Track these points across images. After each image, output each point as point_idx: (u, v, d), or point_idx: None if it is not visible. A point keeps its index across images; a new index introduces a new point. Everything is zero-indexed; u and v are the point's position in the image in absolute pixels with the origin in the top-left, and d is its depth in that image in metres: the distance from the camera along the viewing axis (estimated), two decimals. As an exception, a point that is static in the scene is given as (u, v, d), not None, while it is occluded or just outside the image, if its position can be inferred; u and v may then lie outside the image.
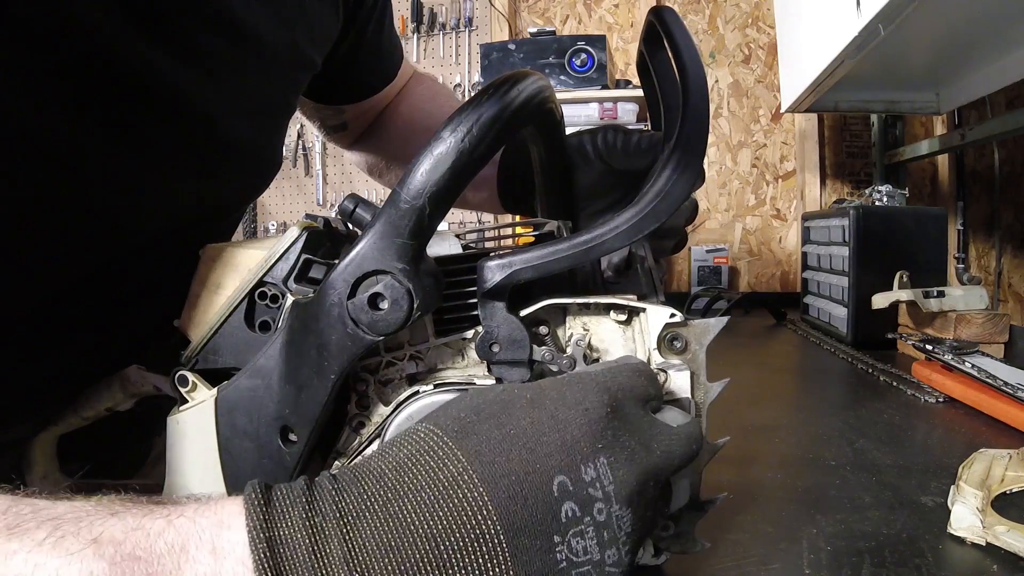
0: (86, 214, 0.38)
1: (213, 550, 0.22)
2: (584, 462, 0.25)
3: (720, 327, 0.35)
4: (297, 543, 0.22)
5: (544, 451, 0.25)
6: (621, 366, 0.30)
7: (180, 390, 0.37)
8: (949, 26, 1.00)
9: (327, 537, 0.22)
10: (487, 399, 0.27)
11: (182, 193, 0.44)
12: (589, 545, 0.24)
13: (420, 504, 0.23)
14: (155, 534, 0.22)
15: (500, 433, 0.25)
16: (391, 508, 0.23)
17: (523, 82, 0.33)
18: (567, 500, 0.24)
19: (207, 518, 0.23)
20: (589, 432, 0.25)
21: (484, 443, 0.25)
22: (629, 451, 0.26)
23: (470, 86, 2.15)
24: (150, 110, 0.38)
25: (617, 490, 0.25)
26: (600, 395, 0.27)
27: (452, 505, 0.23)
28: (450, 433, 0.25)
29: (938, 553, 0.38)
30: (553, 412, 0.26)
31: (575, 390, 0.27)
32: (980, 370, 0.70)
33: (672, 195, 0.32)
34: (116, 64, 0.35)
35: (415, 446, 0.25)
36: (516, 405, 0.26)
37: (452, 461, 0.24)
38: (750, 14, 1.96)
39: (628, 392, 0.28)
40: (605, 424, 0.26)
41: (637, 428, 0.27)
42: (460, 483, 0.23)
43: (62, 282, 0.40)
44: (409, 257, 0.31)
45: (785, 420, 0.68)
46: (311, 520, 0.22)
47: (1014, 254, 1.46)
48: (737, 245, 1.99)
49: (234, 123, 0.45)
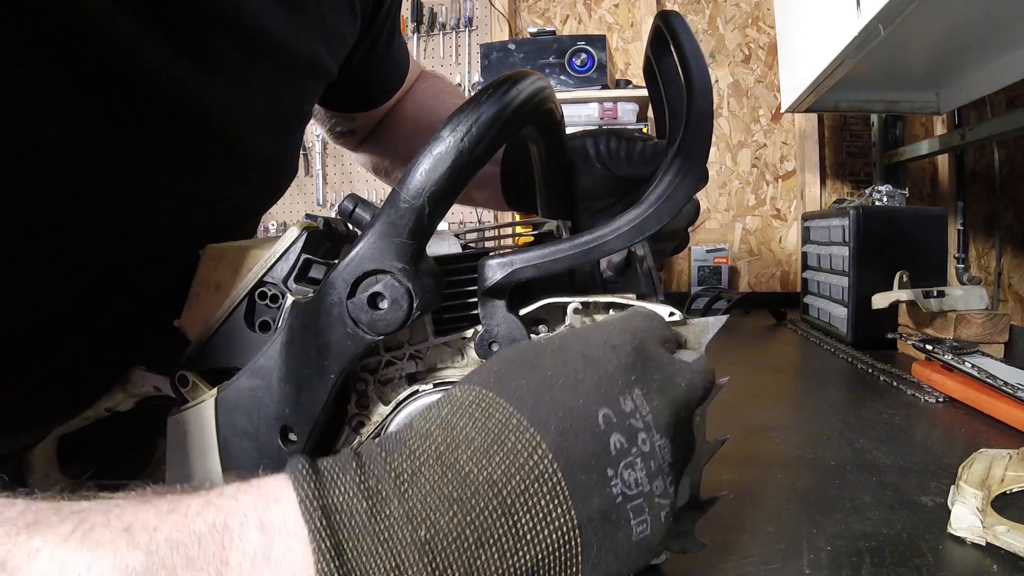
0: (97, 221, 0.38)
1: (261, 526, 0.20)
2: (621, 394, 0.25)
3: (719, 326, 0.35)
4: (354, 508, 0.21)
5: (584, 388, 0.25)
6: (635, 312, 0.31)
7: (180, 390, 0.37)
8: (949, 26, 1.00)
9: (385, 499, 0.21)
10: (517, 350, 0.27)
11: (201, 202, 0.44)
12: (640, 476, 0.24)
13: (475, 452, 0.22)
14: (193, 514, 0.20)
15: (538, 376, 0.25)
16: (446, 460, 0.22)
17: (523, 82, 0.33)
18: (613, 432, 0.24)
19: (250, 495, 0.21)
20: (620, 366, 0.26)
21: (524, 388, 0.24)
22: (659, 383, 0.27)
23: (470, 86, 2.15)
24: (166, 117, 0.38)
25: (655, 419, 0.25)
26: (623, 334, 0.27)
27: (507, 449, 0.23)
28: (488, 385, 0.25)
29: (938, 553, 0.38)
30: (584, 352, 0.26)
31: (599, 333, 0.27)
32: (980, 370, 0.70)
33: (675, 198, 0.32)
34: (141, 74, 0.35)
35: (455, 403, 0.25)
36: (546, 351, 0.27)
37: (497, 409, 0.24)
38: (750, 14, 1.96)
39: (646, 332, 0.29)
40: (634, 359, 0.26)
41: (660, 364, 0.28)
42: (510, 427, 0.23)
43: (73, 290, 0.40)
44: (409, 257, 0.31)
45: (785, 420, 0.68)
46: (365, 483, 0.21)
47: (1014, 254, 1.46)
48: (737, 245, 1.99)
49: (254, 133, 0.45)
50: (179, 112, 0.39)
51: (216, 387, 0.35)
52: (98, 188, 0.37)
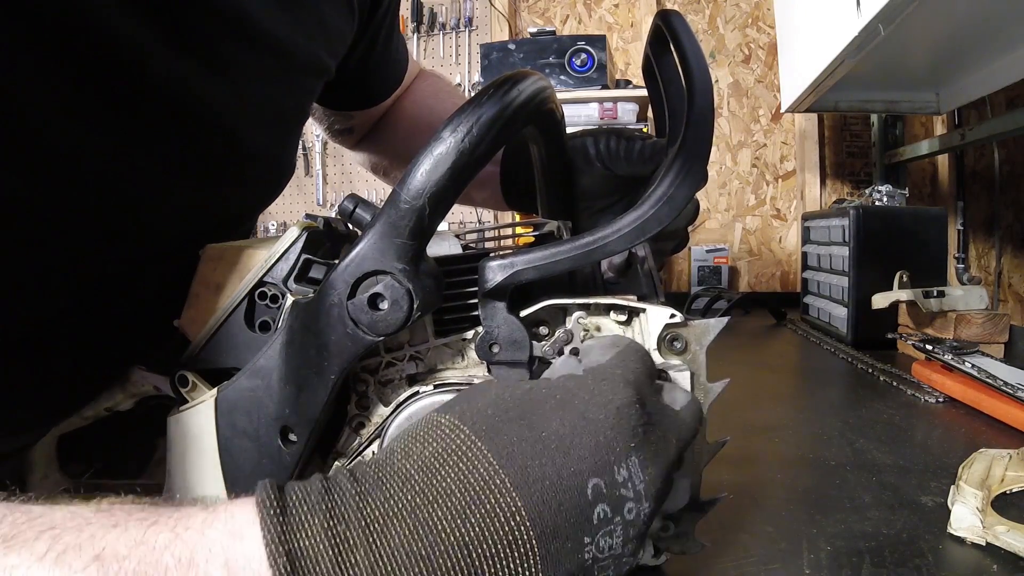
0: (98, 221, 0.38)
1: (225, 564, 0.20)
2: (617, 463, 0.24)
3: (720, 328, 0.35)
4: (320, 555, 0.20)
5: (578, 454, 0.24)
6: (627, 351, 0.30)
7: (180, 390, 0.37)
8: (949, 26, 1.00)
9: (352, 547, 0.21)
10: (514, 396, 0.26)
11: (201, 200, 0.44)
12: (615, 543, 0.24)
13: (451, 510, 0.22)
14: (161, 547, 0.21)
15: (532, 435, 0.24)
16: (420, 515, 0.22)
17: (523, 82, 0.33)
18: (600, 503, 0.24)
19: (216, 529, 0.21)
20: (621, 432, 0.25)
21: (515, 445, 0.24)
22: (655, 446, 0.26)
23: (470, 86, 2.15)
24: (167, 116, 0.38)
25: (647, 488, 0.25)
26: (627, 391, 0.26)
27: (485, 511, 0.22)
28: (478, 432, 0.24)
29: (938, 553, 0.38)
30: (584, 412, 0.25)
31: (603, 388, 0.26)
32: (980, 370, 0.70)
33: (676, 199, 0.32)
34: (134, 69, 0.35)
35: (441, 444, 0.24)
36: (546, 405, 0.26)
37: (482, 463, 0.23)
38: (750, 14, 1.96)
39: (645, 380, 0.28)
40: (636, 422, 0.26)
41: (658, 420, 0.27)
42: (492, 487, 0.22)
43: (74, 290, 0.40)
44: (409, 257, 0.31)
45: (785, 420, 0.68)
46: (333, 529, 0.21)
47: (1014, 254, 1.46)
48: (737, 245, 1.99)
49: (254, 131, 0.45)
50: (180, 111, 0.39)
51: (216, 387, 0.35)
52: (99, 187, 0.36)
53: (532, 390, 0.27)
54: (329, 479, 0.23)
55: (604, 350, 0.30)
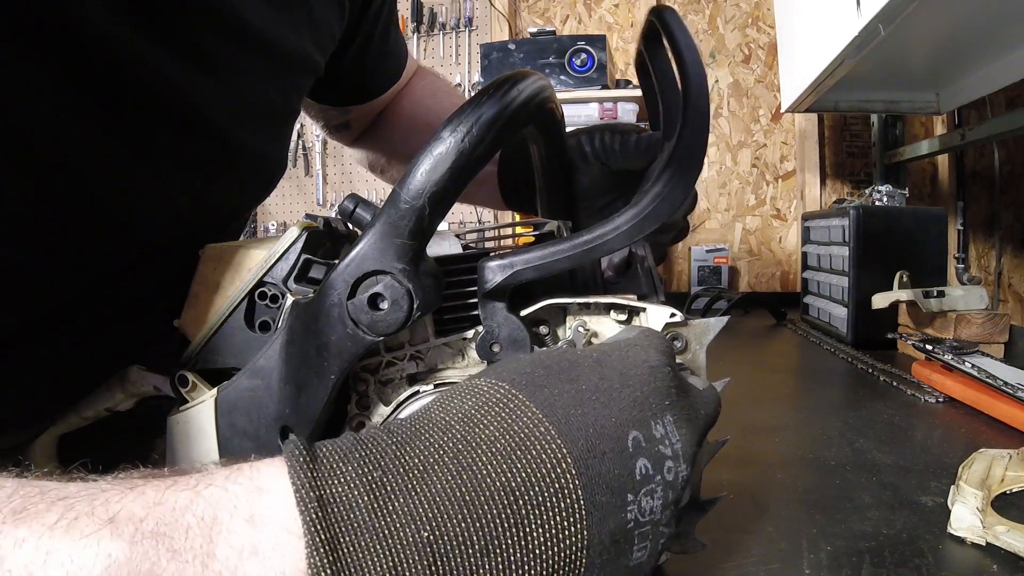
0: (90, 219, 0.38)
1: (250, 518, 0.19)
2: (654, 419, 0.24)
3: (720, 327, 0.35)
4: (354, 502, 0.19)
5: (617, 406, 0.24)
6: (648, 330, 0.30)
7: (180, 390, 0.37)
8: (949, 26, 1.00)
9: (390, 493, 0.20)
10: (552, 357, 0.26)
11: (188, 198, 0.44)
12: (656, 505, 0.23)
13: (496, 456, 0.21)
14: (181, 507, 0.19)
15: (573, 388, 0.24)
16: (463, 460, 0.21)
17: (523, 82, 0.33)
18: (641, 456, 0.23)
19: (240, 484, 0.20)
20: (657, 389, 0.25)
21: (557, 397, 0.24)
22: (687, 410, 0.26)
23: (470, 86, 2.15)
24: (158, 115, 0.38)
25: (683, 448, 0.25)
26: (660, 355, 0.27)
27: (530, 457, 0.21)
28: (519, 386, 0.24)
29: (938, 553, 0.38)
30: (622, 370, 0.25)
31: (637, 350, 0.27)
32: (980, 370, 0.70)
33: (673, 196, 0.32)
34: (124, 67, 0.35)
35: (480, 398, 0.23)
36: (584, 363, 0.26)
37: (526, 413, 0.23)
38: (750, 14, 1.96)
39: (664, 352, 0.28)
40: (670, 382, 0.26)
41: (687, 391, 0.28)
42: (537, 435, 0.22)
43: (68, 288, 0.40)
44: (409, 257, 0.31)
45: (785, 420, 0.68)
46: (369, 475, 0.20)
47: (1014, 254, 1.46)
48: (737, 245, 1.99)
49: (239, 127, 0.45)
50: (167, 108, 0.39)
51: (216, 387, 0.35)
52: (86, 184, 0.36)
53: (568, 352, 0.27)
54: (360, 435, 0.23)
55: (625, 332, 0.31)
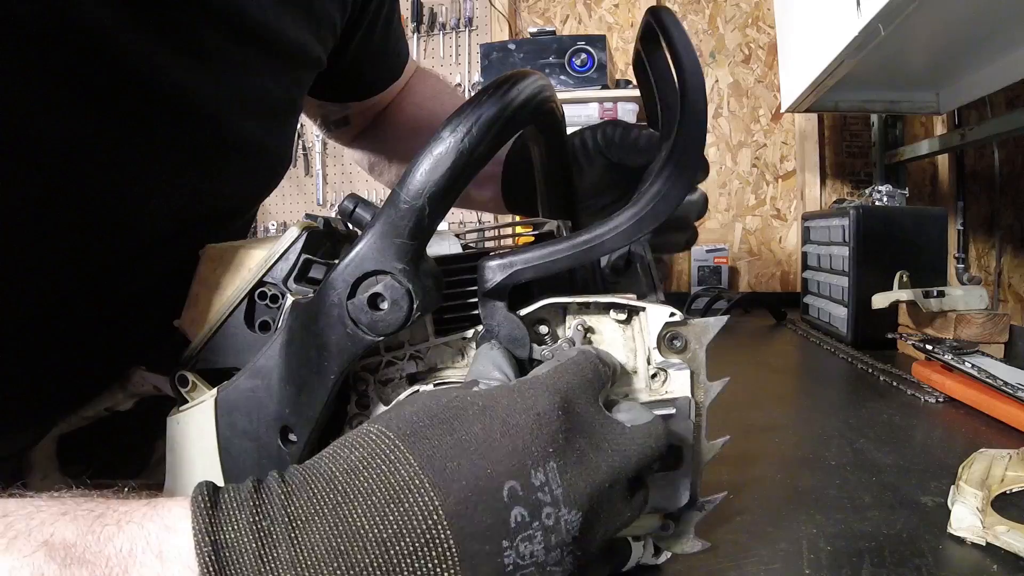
0: (90, 215, 0.38)
1: (159, 554, 0.22)
2: (534, 467, 0.25)
3: (720, 326, 0.35)
4: (243, 547, 0.22)
5: (495, 457, 0.25)
6: (569, 363, 0.30)
7: (180, 390, 0.37)
8: (949, 26, 1.00)
9: (275, 541, 0.22)
10: (439, 403, 0.27)
11: (187, 193, 0.44)
12: (536, 549, 0.24)
13: (370, 508, 0.23)
14: (105, 538, 0.22)
15: (452, 439, 0.25)
16: (340, 512, 0.23)
17: (523, 82, 0.33)
18: (516, 505, 0.24)
19: (154, 522, 0.23)
20: (540, 437, 0.26)
21: (436, 448, 0.25)
22: (579, 453, 0.26)
23: (470, 86, 2.15)
24: (155, 109, 0.38)
25: (566, 494, 0.25)
26: (551, 398, 0.27)
27: (403, 510, 0.23)
28: (401, 436, 0.25)
29: (938, 553, 0.38)
30: (505, 418, 0.26)
31: (527, 396, 0.27)
32: (980, 370, 0.70)
33: (671, 194, 0.32)
34: (120, 62, 0.35)
35: (366, 449, 0.25)
36: (468, 411, 0.26)
37: (404, 465, 0.24)
38: (750, 14, 1.96)
39: (579, 390, 0.28)
40: (557, 427, 0.26)
41: (589, 429, 0.28)
42: (411, 488, 0.23)
43: (67, 286, 0.40)
44: (409, 257, 0.31)
45: (785, 420, 0.68)
46: (258, 524, 0.22)
47: (1014, 254, 1.46)
48: (737, 245, 1.99)
49: (240, 122, 0.45)
50: (165, 101, 0.38)
51: (216, 387, 0.35)
52: (82, 179, 0.36)
53: (457, 398, 0.27)
54: (262, 481, 0.25)
55: (548, 364, 0.31)
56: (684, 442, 0.34)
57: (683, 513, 0.37)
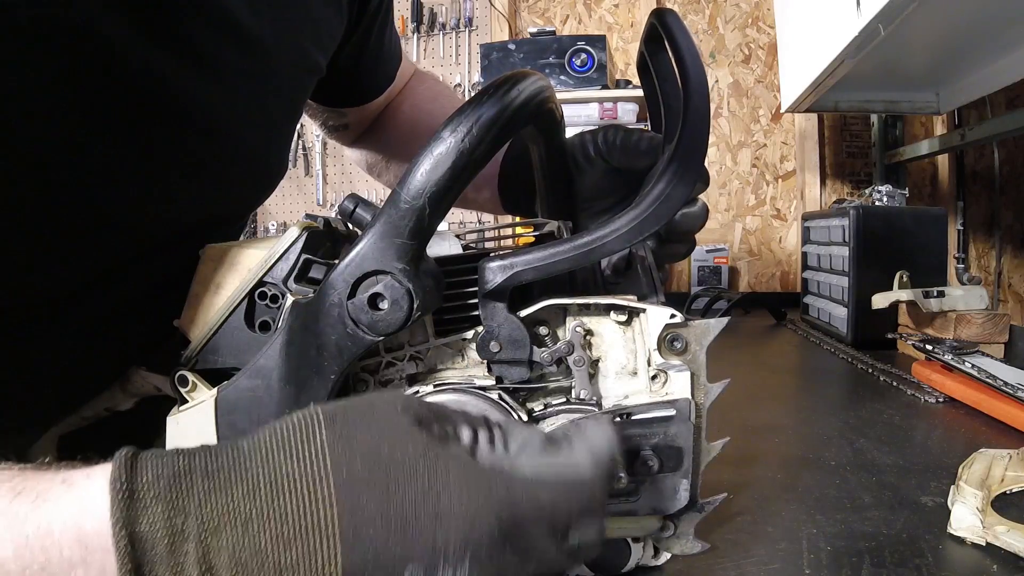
0: (89, 219, 0.38)
1: (78, 537, 0.23)
2: (446, 562, 0.25)
3: (720, 328, 0.35)
4: (157, 543, 0.23)
5: (413, 536, 0.25)
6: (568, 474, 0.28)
7: (180, 390, 0.37)
8: (949, 26, 1.00)
9: (186, 539, 0.23)
10: (392, 456, 0.26)
11: (186, 198, 0.44)
12: None
13: (278, 536, 0.24)
14: (22, 518, 0.23)
15: (379, 505, 0.25)
16: (250, 528, 0.24)
17: (523, 82, 0.33)
18: None
19: (71, 504, 0.24)
20: (464, 540, 0.25)
21: (360, 506, 0.25)
22: (501, 568, 0.26)
23: (470, 86, 2.15)
24: (155, 115, 0.38)
25: None
26: (499, 512, 0.26)
27: (306, 549, 0.24)
28: (336, 474, 0.25)
29: (938, 553, 0.38)
30: (439, 511, 0.25)
31: (477, 493, 0.26)
32: (980, 370, 0.70)
33: (673, 198, 0.32)
34: (119, 69, 0.35)
35: (299, 466, 0.25)
36: (411, 482, 0.25)
37: (324, 506, 0.24)
38: (750, 14, 1.96)
39: (544, 519, 0.27)
40: (488, 541, 0.26)
41: (528, 551, 0.27)
42: (321, 529, 0.24)
43: (66, 287, 0.39)
44: (409, 257, 0.31)
45: (785, 420, 0.68)
46: (172, 520, 0.24)
47: (1014, 254, 1.46)
48: (737, 245, 1.99)
49: (239, 129, 0.45)
50: (163, 108, 0.38)
51: (216, 387, 0.35)
52: (79, 183, 0.36)
53: (410, 458, 0.26)
54: (191, 461, 0.25)
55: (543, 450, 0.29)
56: (684, 444, 0.34)
57: (683, 514, 0.37)
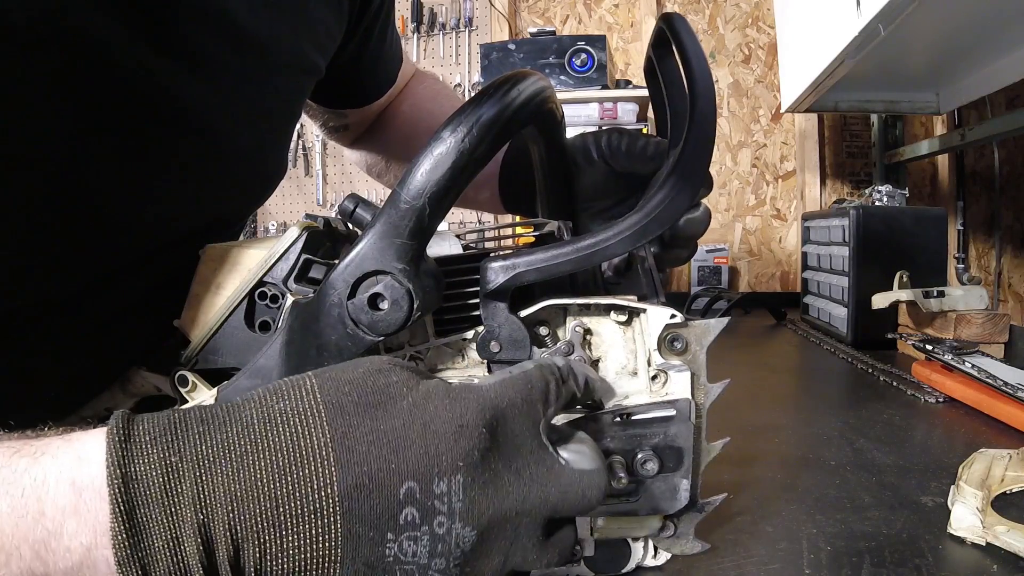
0: (86, 221, 0.38)
1: (72, 483, 0.24)
2: (440, 476, 0.26)
3: (720, 328, 0.35)
4: (152, 481, 0.23)
5: (404, 455, 0.25)
6: (519, 377, 0.29)
7: (180, 390, 0.37)
8: (949, 26, 1.00)
9: (180, 477, 0.24)
10: (376, 384, 0.27)
11: (185, 200, 0.43)
12: (419, 550, 0.25)
13: (273, 465, 0.24)
14: (21, 471, 0.24)
15: (370, 424, 0.26)
16: (245, 461, 0.24)
17: (523, 82, 0.33)
18: (409, 505, 0.25)
19: (68, 454, 0.25)
20: (455, 448, 0.26)
21: (352, 428, 0.25)
22: (493, 474, 0.26)
23: (470, 86, 2.15)
24: (150, 117, 0.38)
25: (464, 509, 0.26)
26: (481, 413, 0.27)
27: (302, 475, 0.24)
28: (326, 404, 0.26)
29: (938, 553, 0.38)
30: (427, 421, 0.26)
31: (458, 404, 0.27)
32: (980, 370, 0.70)
33: (676, 203, 0.32)
34: (115, 70, 0.35)
35: (291, 403, 0.26)
36: (397, 404, 0.27)
37: (316, 434, 0.25)
38: (750, 14, 1.96)
39: (518, 409, 0.28)
40: (474, 444, 0.26)
41: (514, 452, 0.27)
42: (316, 457, 0.25)
43: (65, 288, 0.39)
44: (409, 257, 0.31)
45: (785, 420, 0.68)
46: (167, 460, 0.24)
47: (1014, 254, 1.46)
48: (737, 245, 1.99)
49: (237, 130, 0.45)
50: (160, 110, 0.38)
51: (216, 387, 0.35)
52: (80, 186, 0.36)
53: (394, 384, 0.27)
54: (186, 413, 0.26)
55: (499, 373, 0.30)
56: (684, 444, 0.34)
57: (683, 514, 0.37)
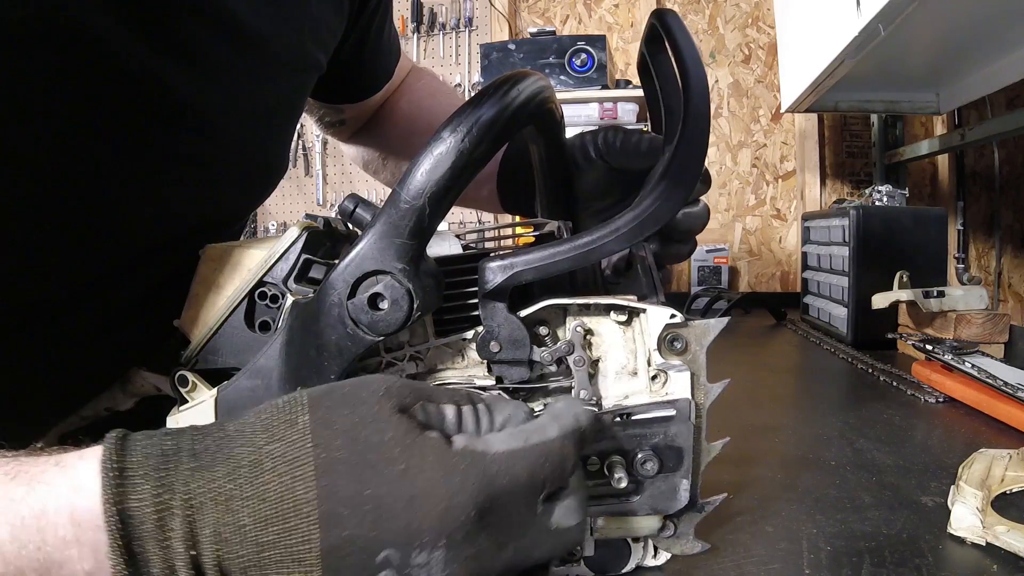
0: (86, 220, 0.38)
1: (71, 516, 0.24)
2: (420, 547, 0.25)
3: (720, 328, 0.35)
4: (146, 518, 0.24)
5: (388, 521, 0.25)
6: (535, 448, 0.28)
7: (180, 390, 0.37)
8: (949, 26, 1.00)
9: (172, 515, 0.24)
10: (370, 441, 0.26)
11: (184, 198, 0.43)
12: None
13: (259, 515, 0.25)
14: (18, 500, 0.24)
15: (357, 488, 0.25)
16: (232, 506, 0.25)
17: (523, 82, 0.33)
18: (386, 570, 0.25)
19: (63, 485, 0.25)
20: (438, 528, 0.25)
21: (344, 483, 0.25)
22: (477, 551, 0.26)
23: (470, 86, 2.15)
24: (150, 115, 0.38)
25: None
26: (474, 496, 0.26)
27: (286, 528, 0.25)
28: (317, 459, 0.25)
29: (938, 553, 0.38)
30: (415, 495, 0.25)
31: (454, 479, 0.26)
32: (980, 370, 0.70)
33: (673, 199, 0.32)
34: (115, 67, 0.35)
35: (282, 447, 0.25)
36: (388, 466, 0.26)
37: (302, 489, 0.25)
38: (750, 14, 1.96)
39: (521, 488, 0.27)
40: (460, 526, 0.26)
41: (504, 532, 0.27)
42: (301, 510, 0.25)
43: (65, 287, 0.39)
44: (409, 257, 0.31)
45: (785, 420, 0.68)
46: (160, 498, 0.25)
47: (1014, 254, 1.46)
48: (737, 245, 1.99)
49: (238, 128, 0.45)
50: (160, 107, 0.38)
51: (216, 387, 0.35)
52: (76, 184, 0.36)
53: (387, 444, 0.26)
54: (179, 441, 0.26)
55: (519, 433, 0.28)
56: (684, 444, 0.34)
57: (683, 514, 0.37)
